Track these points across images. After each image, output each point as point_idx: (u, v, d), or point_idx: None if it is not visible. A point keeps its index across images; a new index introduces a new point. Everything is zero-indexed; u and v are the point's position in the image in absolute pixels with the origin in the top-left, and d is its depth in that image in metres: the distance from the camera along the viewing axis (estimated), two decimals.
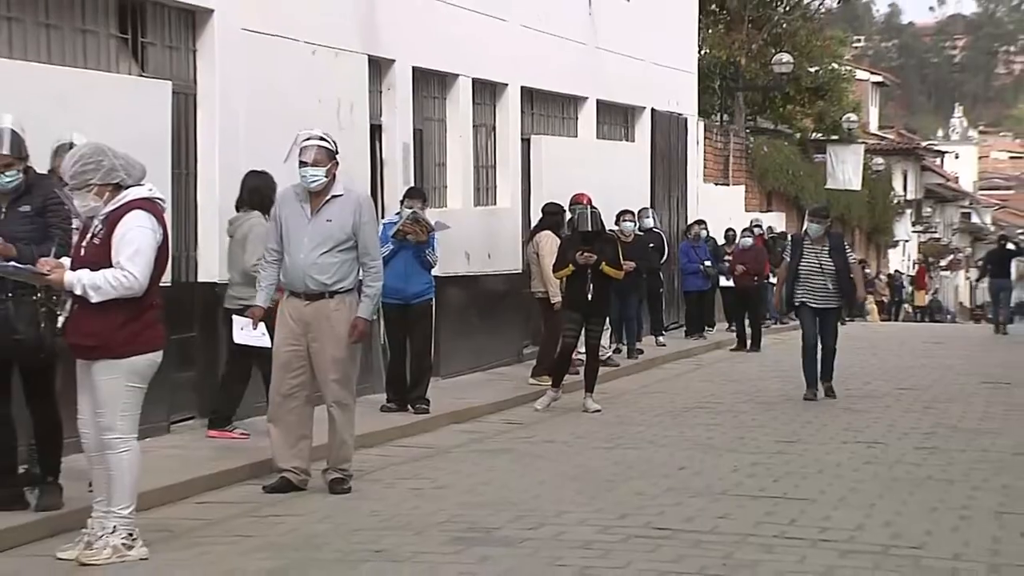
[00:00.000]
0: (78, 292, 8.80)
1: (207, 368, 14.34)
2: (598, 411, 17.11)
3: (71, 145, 9.92)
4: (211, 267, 14.49)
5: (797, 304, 18.14)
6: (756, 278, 26.84)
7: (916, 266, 62.10)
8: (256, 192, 13.34)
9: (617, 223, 20.54)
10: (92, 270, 8.78)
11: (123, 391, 8.95)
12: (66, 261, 9.10)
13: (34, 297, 9.55)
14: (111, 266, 8.77)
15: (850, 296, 18.37)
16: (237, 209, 13.31)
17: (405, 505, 11.15)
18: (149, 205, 8.99)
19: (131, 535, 8.92)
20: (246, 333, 12.37)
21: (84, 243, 9.06)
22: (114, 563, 8.76)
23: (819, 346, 18.11)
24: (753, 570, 8.90)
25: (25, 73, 12.16)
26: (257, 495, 11.45)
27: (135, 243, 8.81)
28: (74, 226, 9.83)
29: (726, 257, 27.76)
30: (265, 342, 12.14)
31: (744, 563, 9.04)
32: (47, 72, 12.54)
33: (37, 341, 9.69)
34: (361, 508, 10.97)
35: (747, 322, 26.96)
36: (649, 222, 24.80)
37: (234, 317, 12.65)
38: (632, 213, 21.90)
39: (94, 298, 8.76)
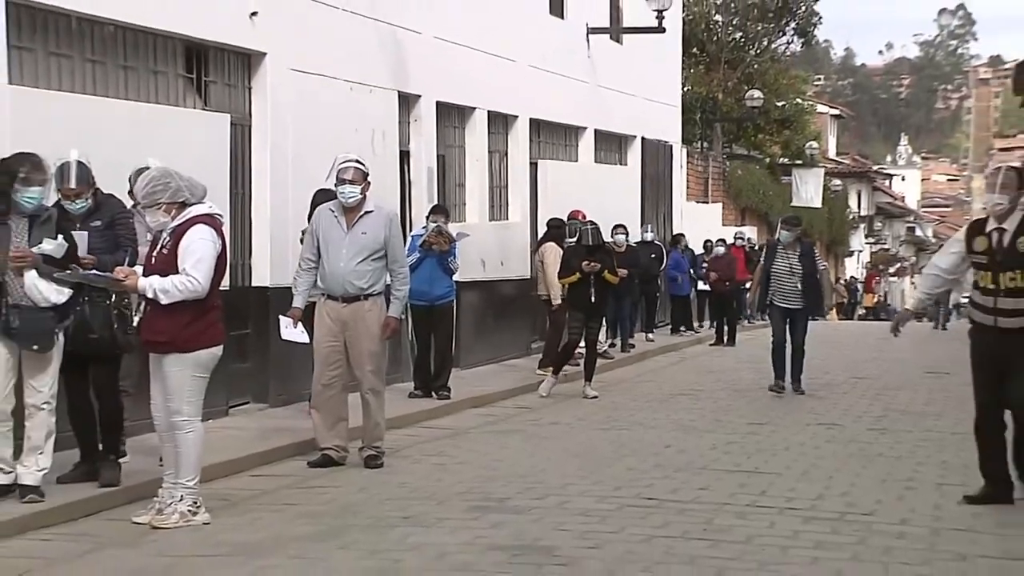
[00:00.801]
0: (149, 295, 8.90)
1: (260, 360, 14.32)
2: (596, 397, 17.07)
3: (146, 169, 9.87)
4: (263, 273, 14.49)
5: (769, 304, 17.45)
6: (728, 283, 26.65)
7: (865, 272, 62.19)
8: (319, 199, 12.91)
9: (612, 236, 20.36)
10: (161, 276, 8.89)
11: (189, 380, 9.06)
12: (138, 269, 9.18)
13: (107, 301, 9.65)
14: (178, 273, 8.87)
15: (816, 298, 17.41)
16: (308, 221, 12.79)
17: (430, 478, 11.19)
18: (210, 220, 9.09)
19: (196, 503, 9.09)
20: (289, 331, 12.11)
21: (154, 253, 9.12)
22: (181, 527, 8.91)
23: (790, 344, 17.43)
24: (729, 534, 8.93)
25: (107, 108, 12.23)
26: (302, 469, 11.54)
27: (198, 253, 8.89)
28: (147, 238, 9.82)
29: (703, 264, 27.82)
30: (305, 339, 11.99)
31: (722, 528, 9.10)
32: (125, 107, 12.59)
33: (110, 340, 9.77)
34: (391, 480, 11.00)
35: (725, 320, 26.86)
36: (649, 235, 25.02)
37: (280, 317, 12.43)
38: (625, 227, 21.79)
39: (163, 300, 8.84)
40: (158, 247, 9.09)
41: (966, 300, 9.89)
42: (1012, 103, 56.84)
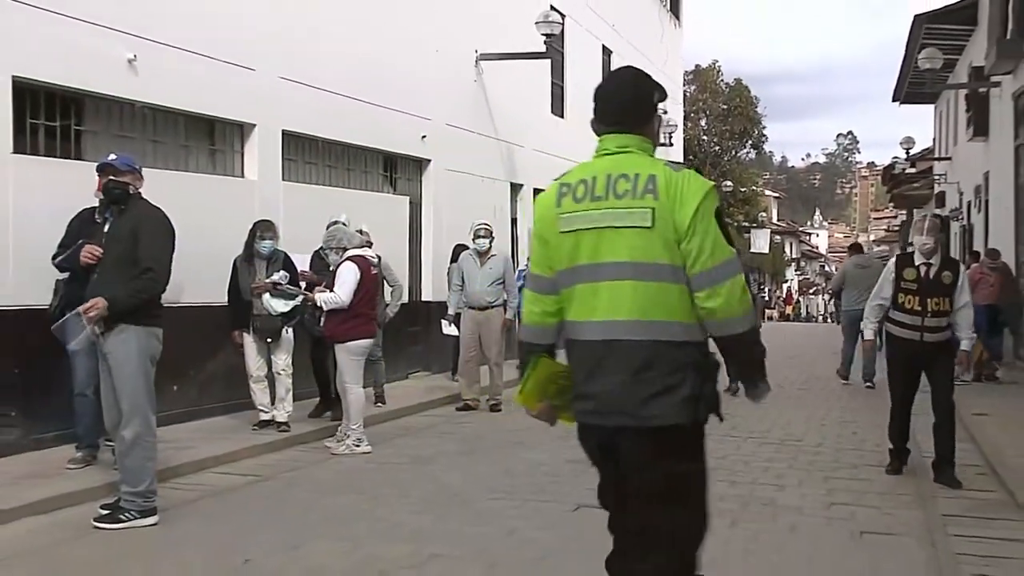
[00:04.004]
0: (320, 304, 8.83)
1: (426, 345, 14.12)
2: None
3: (338, 221, 9.87)
4: (428, 293, 14.42)
5: None
6: None
7: (787, 293, 62.55)
8: (457, 250, 12.70)
9: None
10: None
11: (347, 360, 8.83)
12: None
13: (309, 310, 9.43)
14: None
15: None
16: (452, 263, 12.79)
17: (529, 419, 10.55)
18: (358, 259, 8.86)
19: (360, 440, 8.87)
20: (447, 328, 12.02)
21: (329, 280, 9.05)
22: (347, 454, 8.74)
23: None
24: (709, 454, 9.05)
25: (344, 194, 12.29)
26: (451, 413, 11.52)
27: (343, 279, 8.73)
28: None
29: None
30: (456, 332, 11.92)
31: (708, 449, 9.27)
32: (355, 193, 12.70)
33: (318, 334, 9.51)
34: (506, 420, 10.99)
35: None
36: None
37: (441, 319, 12.19)
38: None
39: (325, 308, 8.76)
40: (332, 275, 9.00)
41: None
42: (881, 190, 60.93)
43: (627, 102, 3.34)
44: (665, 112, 26.15)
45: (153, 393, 6.29)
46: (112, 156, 6.61)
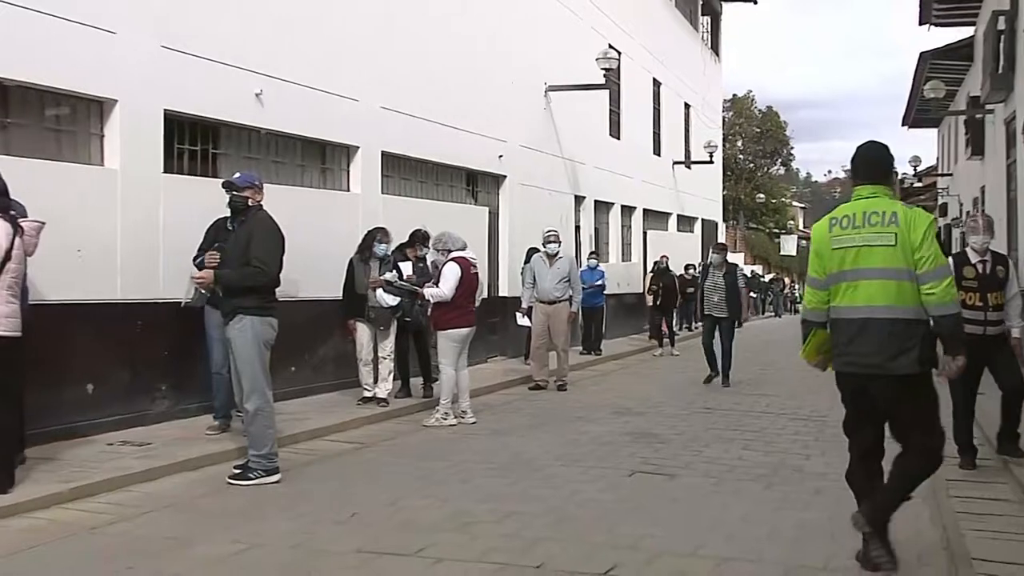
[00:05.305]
0: (427, 298, 8.86)
1: (503, 334, 14.00)
2: (677, 355, 16.32)
3: (420, 229, 9.94)
4: (504, 290, 14.32)
5: (704, 314, 12.65)
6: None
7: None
8: (530, 253, 12.63)
9: (685, 269, 19.48)
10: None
11: (446, 344, 8.83)
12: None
13: (418, 303, 9.38)
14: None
15: (735, 310, 12.30)
16: (525, 263, 12.42)
17: (590, 397, 11.08)
18: (459, 259, 8.83)
19: (445, 414, 8.77)
20: (521, 320, 11.95)
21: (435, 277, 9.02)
22: (435, 426, 8.67)
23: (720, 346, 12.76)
24: (750, 427, 8.83)
25: (433, 206, 12.27)
26: (524, 392, 11.46)
27: (446, 276, 8.71)
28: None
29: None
30: (528, 323, 11.87)
31: (746, 424, 8.99)
32: (445, 205, 12.72)
33: (424, 324, 9.54)
34: (571, 398, 10.98)
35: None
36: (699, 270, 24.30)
37: (516, 312, 12.10)
38: (693, 265, 20.09)
39: (431, 301, 8.79)
40: (436, 274, 9.00)
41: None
42: None
43: (879, 165, 4.33)
44: (711, 142, 26.11)
45: (268, 372, 6.35)
46: (236, 175, 6.81)
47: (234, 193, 6.60)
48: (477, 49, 13.51)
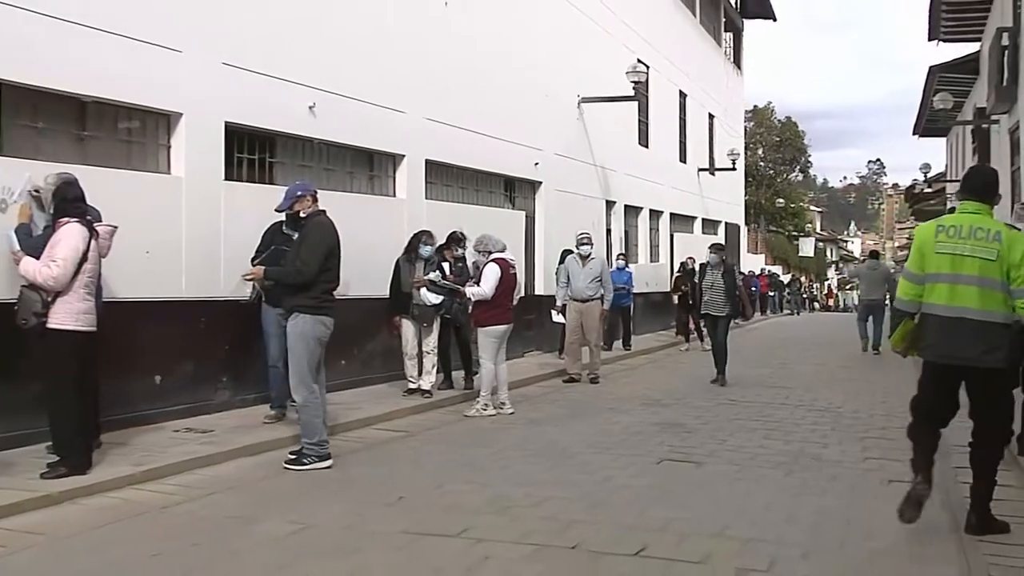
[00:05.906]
0: (468, 296, 8.82)
1: (539, 330, 13.85)
2: (708, 350, 15.97)
3: (456, 232, 9.87)
4: (540, 288, 14.29)
5: (703, 313, 12.06)
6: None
7: (828, 289, 60.22)
8: (564, 254, 12.50)
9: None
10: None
11: (484, 341, 8.78)
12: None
13: (458, 301, 9.29)
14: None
15: (735, 307, 11.55)
16: (560, 264, 12.46)
17: (621, 390, 11.03)
18: (499, 260, 8.77)
19: (485, 405, 8.72)
20: (556, 317, 11.82)
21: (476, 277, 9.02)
22: (476, 416, 8.64)
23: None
24: (771, 416, 8.80)
25: (477, 211, 12.32)
26: (558, 385, 11.40)
27: (487, 276, 8.65)
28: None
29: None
30: (563, 320, 11.73)
31: (767, 414, 8.95)
32: (484, 209, 12.67)
33: (464, 320, 9.34)
34: (603, 390, 10.94)
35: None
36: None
37: (551, 310, 11.98)
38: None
39: (473, 299, 8.75)
40: (478, 274, 8.98)
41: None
42: (904, 206, 58.68)
43: (987, 187, 4.70)
44: (733, 150, 25.89)
45: (315, 367, 6.35)
46: (297, 182, 6.92)
47: (285, 212, 6.82)
48: (514, 64, 13.50)
